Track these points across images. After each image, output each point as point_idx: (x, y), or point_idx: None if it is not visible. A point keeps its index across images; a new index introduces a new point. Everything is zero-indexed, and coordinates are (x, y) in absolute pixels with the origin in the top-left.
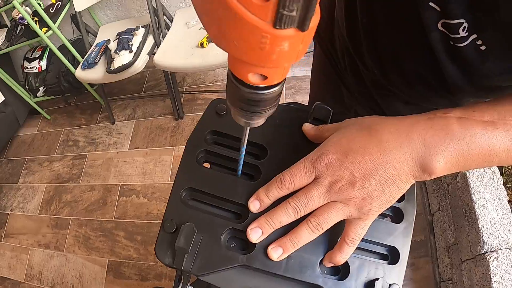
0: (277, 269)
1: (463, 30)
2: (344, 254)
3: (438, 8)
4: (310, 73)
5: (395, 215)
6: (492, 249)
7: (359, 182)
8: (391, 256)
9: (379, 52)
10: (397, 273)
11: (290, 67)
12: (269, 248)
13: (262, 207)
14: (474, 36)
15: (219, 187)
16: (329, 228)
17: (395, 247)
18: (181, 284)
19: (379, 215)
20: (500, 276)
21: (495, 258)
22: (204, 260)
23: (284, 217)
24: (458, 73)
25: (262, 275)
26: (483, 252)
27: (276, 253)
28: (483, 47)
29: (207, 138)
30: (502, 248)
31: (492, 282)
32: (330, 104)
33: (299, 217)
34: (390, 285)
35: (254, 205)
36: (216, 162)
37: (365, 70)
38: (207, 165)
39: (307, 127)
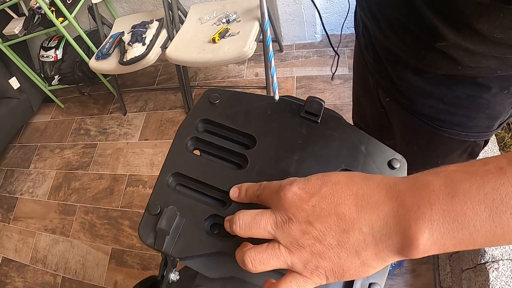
0: None
1: None
2: None
3: None
4: (320, 73)
5: None
6: (493, 259)
7: (313, 233)
8: None
9: (370, 7)
10: (379, 272)
11: (302, 66)
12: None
13: (238, 199)
14: None
15: (206, 174)
16: None
17: None
18: (166, 268)
19: None
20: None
21: (495, 268)
22: (184, 244)
23: (229, 223)
24: (432, 13)
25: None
26: (483, 261)
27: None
28: None
29: (198, 126)
30: (503, 259)
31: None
32: (366, 97)
33: (233, 231)
34: (370, 284)
35: (233, 193)
36: (206, 150)
37: (371, 35)
38: (197, 153)
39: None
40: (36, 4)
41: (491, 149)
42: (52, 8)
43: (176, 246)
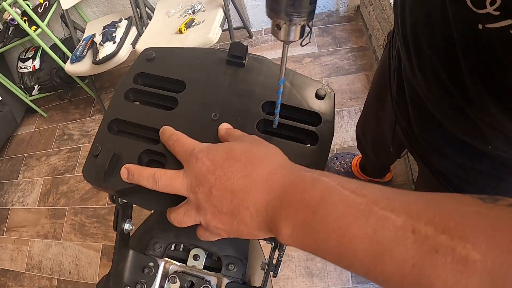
0: None
1: (491, 4)
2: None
3: None
4: (290, 54)
5: (308, 138)
6: None
7: (213, 201)
8: None
9: (405, 32)
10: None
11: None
12: None
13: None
14: (509, 21)
15: (141, 117)
16: None
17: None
18: (118, 218)
19: (293, 139)
20: None
21: None
22: (120, 178)
23: (145, 181)
24: (475, 66)
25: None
26: None
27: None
28: None
29: (136, 80)
30: None
31: None
32: (375, 115)
33: (156, 189)
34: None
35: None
36: (143, 99)
37: (402, 64)
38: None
39: (223, 126)
40: (9, 16)
41: None
42: (25, 18)
43: (114, 180)
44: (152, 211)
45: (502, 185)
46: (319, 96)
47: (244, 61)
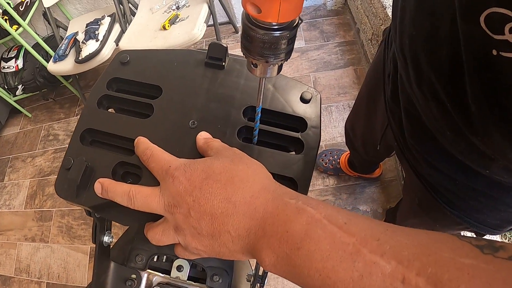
0: None
1: (510, 31)
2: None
3: None
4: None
5: (292, 145)
6: None
7: (192, 222)
8: (290, 188)
9: (402, 42)
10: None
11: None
12: None
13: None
14: None
15: (114, 126)
16: None
17: (293, 178)
18: (96, 231)
19: (276, 147)
20: None
21: None
22: (94, 192)
23: (119, 198)
24: (482, 94)
25: None
26: None
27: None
28: None
29: (110, 85)
30: None
31: None
32: (365, 113)
33: (131, 207)
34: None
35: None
36: (118, 106)
37: (398, 72)
38: (112, 111)
39: (201, 135)
40: None
41: None
42: (5, 17)
43: (87, 195)
44: None
45: (495, 204)
46: (304, 100)
47: (224, 63)
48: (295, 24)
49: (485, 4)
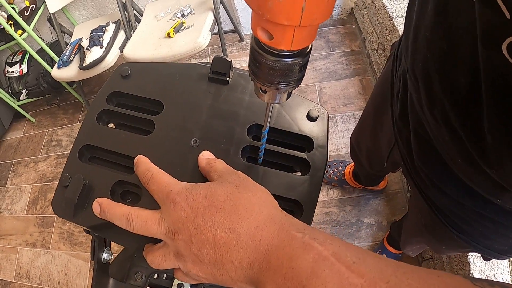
0: None
1: None
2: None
3: (508, 15)
4: None
5: (298, 165)
6: None
7: (194, 250)
8: (295, 211)
9: (415, 62)
10: None
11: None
12: None
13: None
14: None
15: (114, 143)
16: None
17: (298, 201)
18: (95, 248)
19: (282, 167)
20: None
21: None
22: (92, 211)
23: (118, 220)
24: (501, 125)
25: None
26: None
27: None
28: None
29: (110, 99)
30: None
31: (468, 257)
32: (371, 129)
33: (130, 231)
34: None
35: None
36: (118, 122)
37: (408, 96)
38: (112, 126)
39: (203, 155)
40: None
41: None
42: (10, 22)
43: (85, 215)
44: None
45: (504, 231)
46: (311, 118)
47: (228, 78)
48: (308, 50)
49: (508, 31)
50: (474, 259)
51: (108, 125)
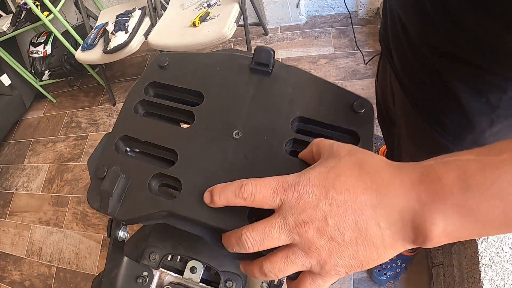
0: (202, 217)
1: None
2: None
3: None
4: (305, 54)
5: None
6: None
7: (330, 232)
8: None
9: None
10: None
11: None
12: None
13: (213, 204)
14: None
15: (152, 134)
16: None
17: None
18: (112, 225)
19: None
20: (489, 259)
21: (484, 239)
22: (129, 205)
23: (236, 246)
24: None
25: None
26: None
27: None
28: None
29: (148, 90)
30: None
31: (480, 265)
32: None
33: (249, 252)
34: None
35: (205, 197)
36: (156, 113)
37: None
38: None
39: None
40: (22, 0)
41: None
42: (37, 3)
43: (122, 208)
44: None
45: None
46: (356, 111)
47: (270, 70)
48: None
49: None
50: (485, 268)
51: (145, 118)
